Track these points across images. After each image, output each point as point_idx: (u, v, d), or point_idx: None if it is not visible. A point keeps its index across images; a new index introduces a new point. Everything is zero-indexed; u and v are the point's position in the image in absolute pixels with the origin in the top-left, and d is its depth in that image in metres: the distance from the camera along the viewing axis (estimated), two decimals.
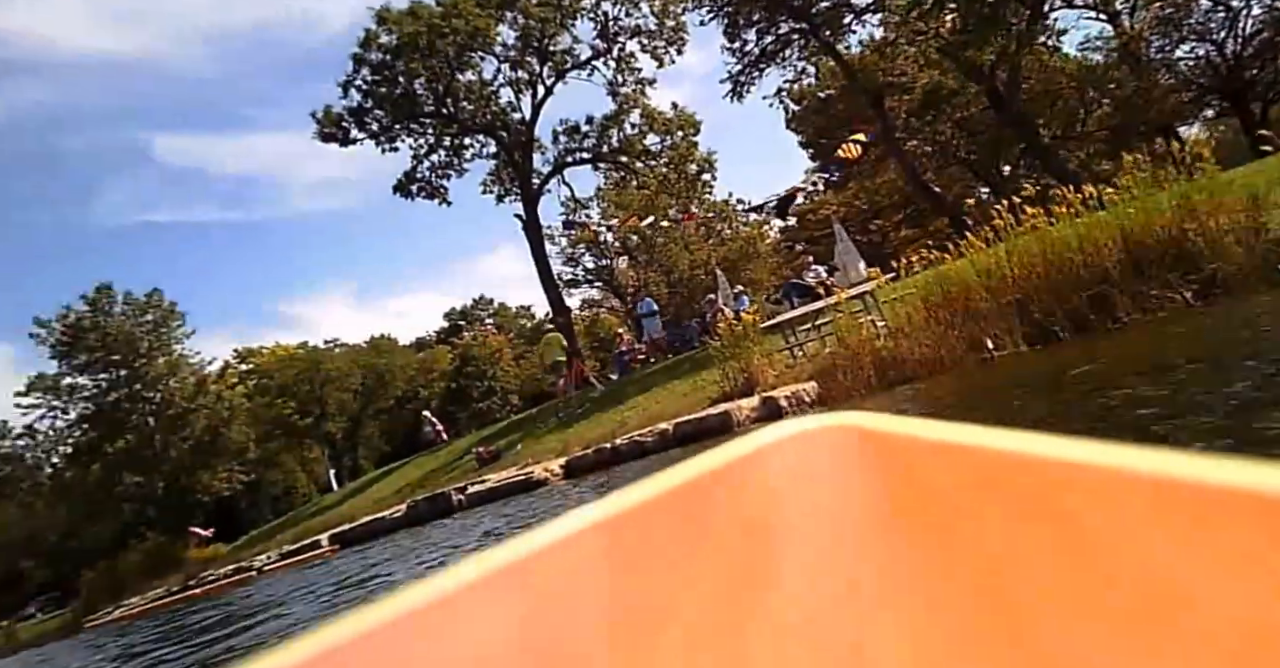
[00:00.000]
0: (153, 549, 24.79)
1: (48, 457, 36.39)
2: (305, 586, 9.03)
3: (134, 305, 36.14)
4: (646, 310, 19.68)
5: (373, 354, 44.98)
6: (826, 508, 0.39)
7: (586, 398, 16.88)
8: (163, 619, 11.73)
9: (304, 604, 7.35)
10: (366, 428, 45.56)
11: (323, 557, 12.58)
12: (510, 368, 47.96)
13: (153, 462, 35.10)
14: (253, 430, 38.46)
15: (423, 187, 23.32)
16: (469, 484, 11.84)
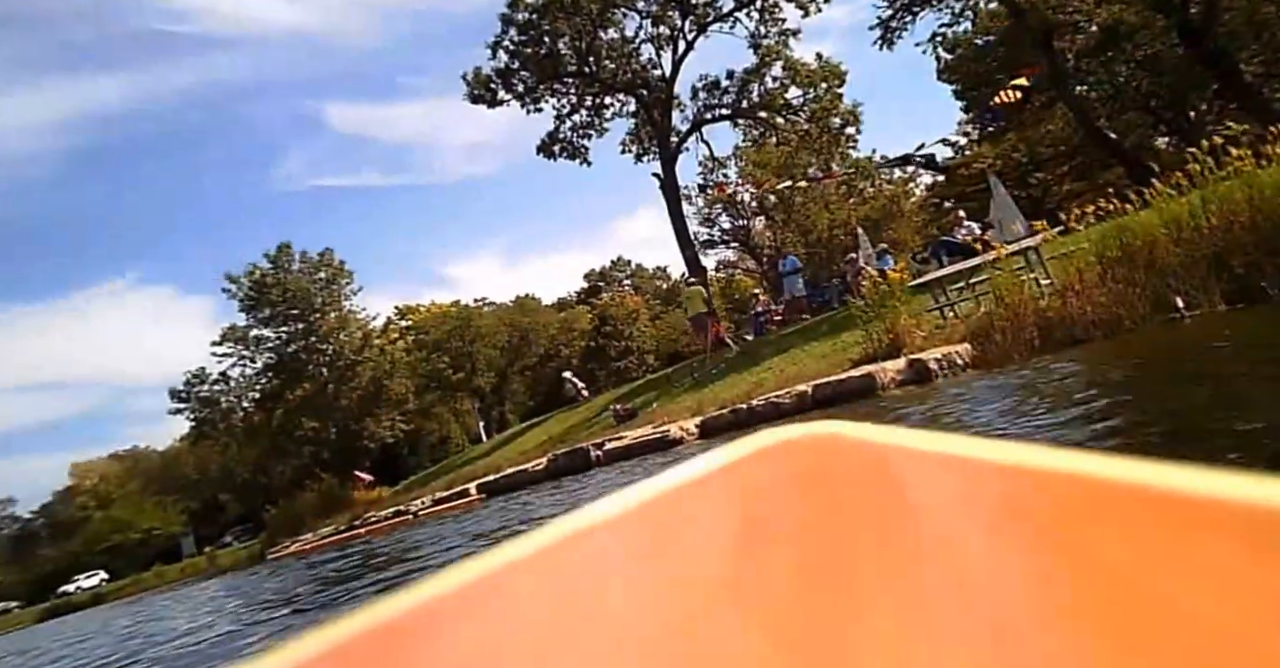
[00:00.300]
0: (325, 490, 26.74)
1: (239, 401, 39.90)
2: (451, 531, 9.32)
3: (309, 263, 38.77)
4: (790, 268, 18.95)
5: (518, 313, 46.38)
6: (808, 518, 0.38)
7: (722, 358, 16.56)
8: (332, 554, 12.53)
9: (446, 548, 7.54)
10: (512, 383, 47.21)
11: (471, 505, 13.06)
12: (646, 328, 48.21)
13: (326, 409, 37.85)
14: (411, 382, 40.64)
15: (565, 147, 23.41)
16: (606, 441, 11.88)
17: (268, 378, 38.38)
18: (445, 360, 41.34)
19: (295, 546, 19.05)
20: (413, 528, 12.53)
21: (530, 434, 22.20)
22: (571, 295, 59.47)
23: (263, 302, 37.38)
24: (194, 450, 45.91)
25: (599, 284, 60.02)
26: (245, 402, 39.66)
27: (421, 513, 14.08)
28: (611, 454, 11.32)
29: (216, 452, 42.50)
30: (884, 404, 7.34)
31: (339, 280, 39.39)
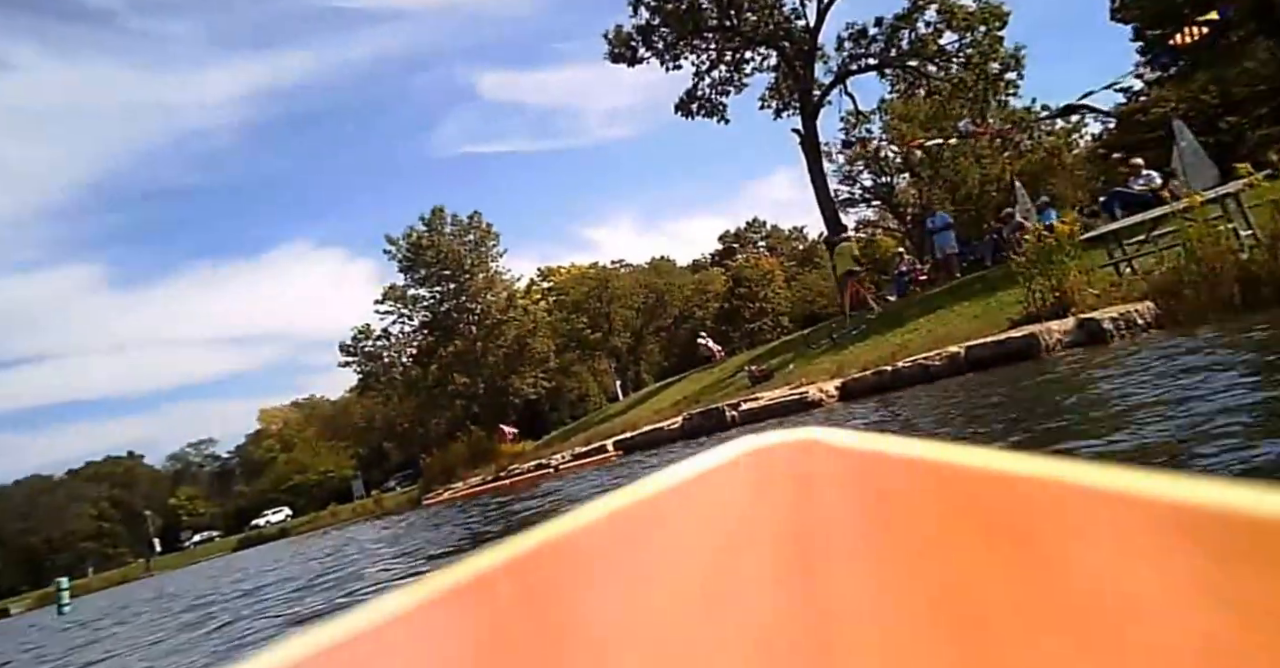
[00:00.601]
0: (474, 442, 27.89)
1: (399, 356, 42.23)
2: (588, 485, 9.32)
3: (459, 226, 40.15)
4: (940, 224, 17.65)
5: (653, 275, 46.40)
6: (789, 524, 0.38)
7: (862, 320, 15.75)
8: (480, 502, 12.95)
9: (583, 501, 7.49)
10: (647, 343, 47.49)
11: (607, 461, 13.13)
12: (781, 290, 47.09)
13: (475, 365, 39.42)
14: (552, 342, 41.64)
15: (703, 104, 22.79)
16: (742, 401, 11.55)
17: (423, 335, 40.31)
18: (583, 321, 42.04)
19: (448, 493, 19.96)
20: (552, 481, 12.75)
21: (665, 394, 22.16)
22: (706, 257, 58.91)
23: (418, 262, 39.11)
24: (361, 401, 49.29)
25: (733, 246, 59.08)
26: (404, 357, 41.90)
27: (561, 467, 14.33)
28: (747, 415, 10.98)
29: (380, 403, 45.34)
30: (1049, 368, 6.59)
31: (486, 242, 40.58)
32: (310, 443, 62.86)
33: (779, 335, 33.31)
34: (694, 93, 22.79)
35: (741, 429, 10.78)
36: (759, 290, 45.71)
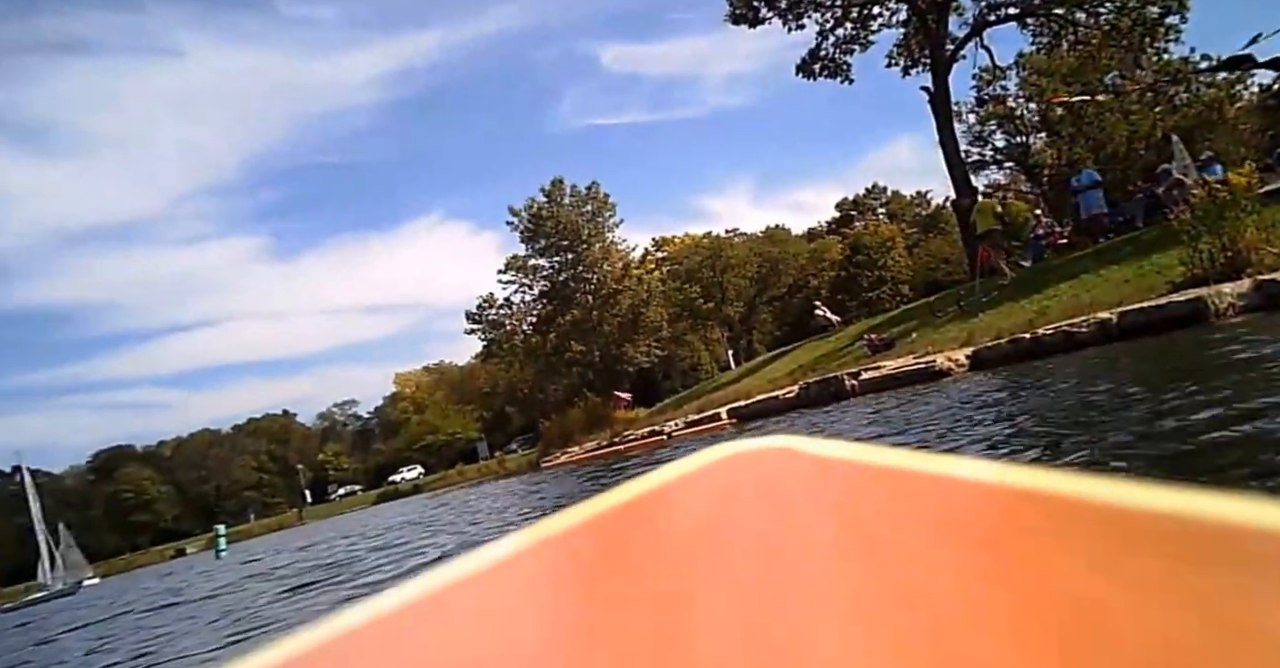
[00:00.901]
0: (589, 408, 28.19)
1: (520, 324, 43.18)
2: None
3: (578, 197, 40.42)
4: (1087, 182, 15.99)
5: (767, 243, 45.26)
6: (761, 530, 0.38)
7: (993, 286, 14.61)
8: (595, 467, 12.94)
9: None
10: (760, 313, 46.57)
11: (722, 428, 12.82)
12: (901, 258, 44.96)
13: (591, 334, 39.84)
14: (666, 311, 41.47)
15: (826, 64, 21.64)
16: (862, 370, 10.91)
17: (542, 304, 41.02)
18: (697, 290, 41.59)
19: (564, 457, 20.23)
20: (666, 448, 12.56)
21: (779, 363, 21.55)
22: (822, 226, 57.00)
23: (538, 233, 39.69)
24: (485, 367, 50.98)
25: (851, 213, 56.83)
26: (525, 325, 42.80)
27: (675, 434, 14.11)
28: (868, 384, 10.36)
29: (502, 369, 46.65)
30: (1219, 335, 5.72)
31: (603, 213, 40.68)
32: (440, 406, 65.69)
33: (898, 304, 31.83)
34: (817, 52, 21.66)
35: (861, 399, 10.19)
36: (878, 258, 43.85)
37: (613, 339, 40.20)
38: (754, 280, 43.55)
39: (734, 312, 43.30)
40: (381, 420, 77.99)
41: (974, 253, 16.15)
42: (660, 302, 41.36)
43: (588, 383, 39.06)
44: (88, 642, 6.78)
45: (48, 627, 11.09)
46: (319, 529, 25.50)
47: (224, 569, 13.65)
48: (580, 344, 39.95)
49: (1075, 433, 3.46)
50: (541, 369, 41.75)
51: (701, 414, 14.76)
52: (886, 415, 6.85)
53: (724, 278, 41.59)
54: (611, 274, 40.24)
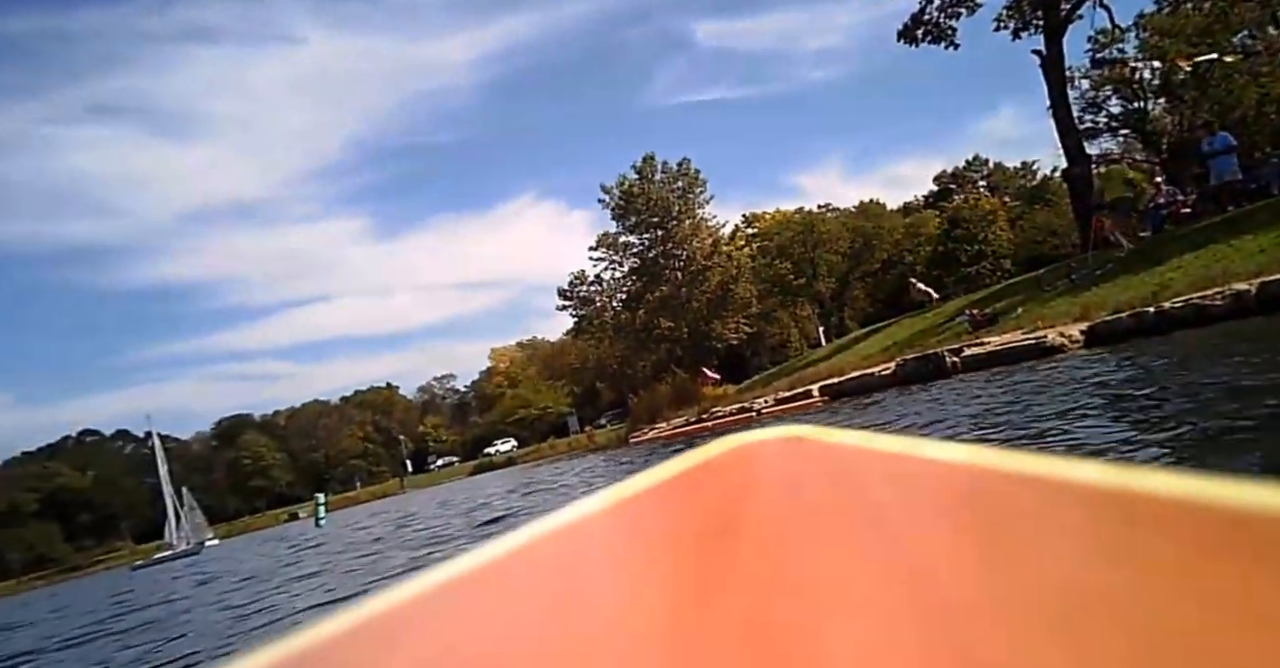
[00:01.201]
0: (677, 384, 28.12)
1: (610, 301, 43.43)
2: None
3: (669, 173, 40.15)
4: (1222, 146, 14.56)
5: (861, 218, 43.86)
6: (778, 518, 0.39)
7: (1107, 258, 13.62)
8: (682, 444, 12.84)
9: None
10: (853, 289, 45.28)
11: (813, 406, 12.48)
12: (1003, 232, 42.70)
13: (680, 310, 39.69)
14: (755, 287, 40.84)
15: (930, 29, 20.50)
16: (964, 347, 10.35)
17: (632, 281, 41.08)
18: (787, 266, 40.74)
19: (652, 432, 20.23)
20: (755, 425, 12.34)
21: (872, 339, 20.87)
22: (919, 199, 54.77)
23: (629, 210, 39.67)
24: (576, 343, 51.47)
25: (950, 187, 54.32)
26: (615, 302, 43.00)
27: (764, 411, 13.86)
28: (971, 362, 9.83)
29: (592, 345, 47.06)
30: None
31: (694, 189, 40.28)
32: (532, 381, 67.03)
33: (999, 279, 30.30)
34: (920, 17, 20.52)
35: (964, 377, 9.68)
36: (978, 232, 41.80)
37: (701, 316, 39.94)
38: (846, 256, 42.31)
39: (825, 288, 42.24)
40: (478, 394, 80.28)
41: (1087, 224, 15.12)
42: (749, 278, 40.75)
43: (676, 359, 38.99)
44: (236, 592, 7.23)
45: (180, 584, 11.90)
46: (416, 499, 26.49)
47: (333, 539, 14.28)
48: (669, 321, 39.87)
49: (1234, 421, 3.06)
50: (630, 345, 41.92)
51: (792, 391, 14.43)
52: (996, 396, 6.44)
53: (815, 253, 40.55)
54: (701, 251, 39.89)
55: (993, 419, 4.90)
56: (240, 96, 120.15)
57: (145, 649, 4.90)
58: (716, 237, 40.92)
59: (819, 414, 10.82)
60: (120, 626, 7.03)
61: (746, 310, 41.11)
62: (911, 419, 6.20)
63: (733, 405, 16.72)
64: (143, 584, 15.69)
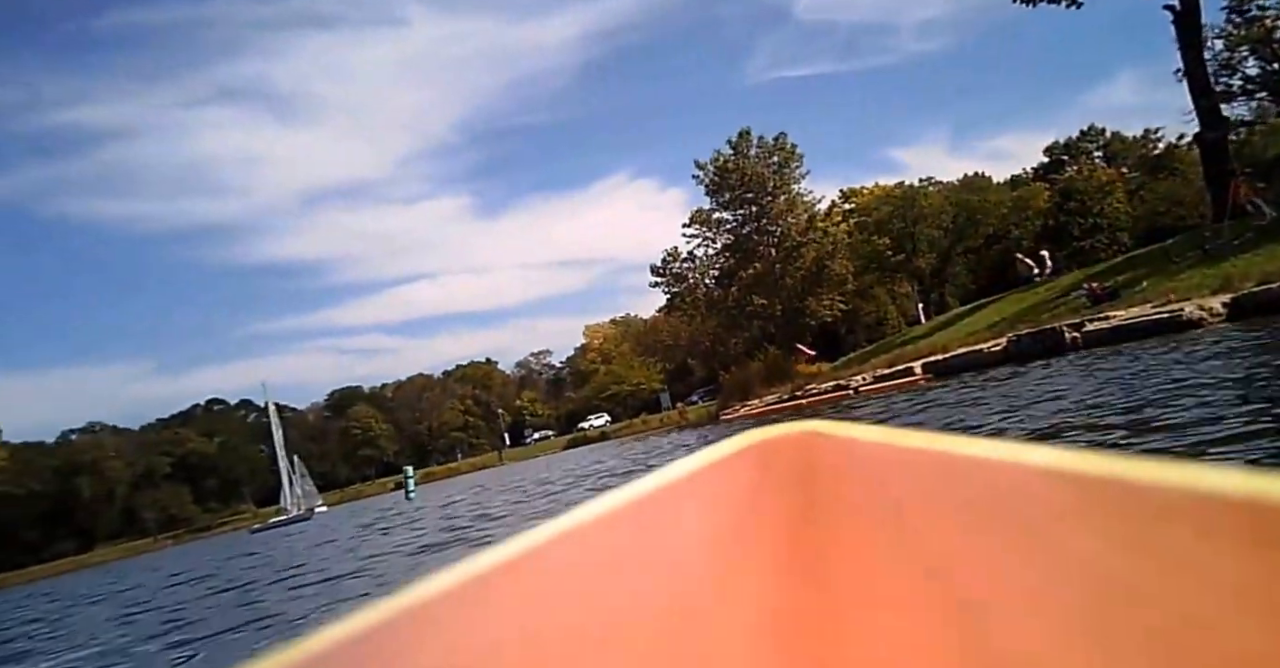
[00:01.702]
0: (770, 361, 27.62)
1: (702, 278, 43.07)
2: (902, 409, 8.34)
3: (764, 148, 39.27)
4: None
5: (964, 192, 41.78)
6: (794, 514, 0.38)
7: (1245, 227, 12.41)
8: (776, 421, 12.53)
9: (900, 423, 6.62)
10: (954, 265, 43.38)
11: (915, 384, 11.92)
12: (1120, 204, 39.83)
13: (773, 287, 38.97)
14: (851, 264, 39.63)
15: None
16: (1085, 321, 9.62)
17: (725, 257, 40.57)
18: (885, 241, 39.32)
19: (743, 409, 19.97)
20: (853, 403, 11.88)
21: (977, 316, 19.87)
22: (1026, 172, 51.75)
23: (723, 186, 39.08)
24: (668, 319, 51.42)
25: (1061, 158, 51.05)
26: (708, 278, 42.61)
27: (862, 389, 13.36)
28: (1093, 337, 9.12)
29: (684, 322, 46.91)
30: None
31: (790, 164, 39.29)
32: (625, 357, 67.53)
33: (1115, 254, 28.33)
34: None
35: (1082, 353, 9.01)
36: (1093, 204, 39.16)
37: (795, 292, 39.09)
38: (948, 231, 40.49)
39: (925, 264, 40.60)
40: (572, 370, 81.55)
41: (1223, 191, 13.86)
42: (846, 254, 39.56)
43: (768, 337, 38.38)
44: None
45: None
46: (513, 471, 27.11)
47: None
48: (762, 297, 39.22)
49: None
50: (723, 322, 41.52)
51: (892, 369, 13.87)
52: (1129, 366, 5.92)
53: (916, 228, 38.99)
54: (796, 226, 38.95)
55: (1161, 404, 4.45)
56: (350, 80, 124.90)
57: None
58: (812, 212, 39.81)
59: (921, 393, 10.32)
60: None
61: (842, 287, 39.96)
62: (1006, 396, 5.77)
63: (827, 383, 16.25)
64: (260, 546, 16.78)
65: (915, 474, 0.43)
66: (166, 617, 6.18)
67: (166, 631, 5.23)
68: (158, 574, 14.33)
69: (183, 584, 9.72)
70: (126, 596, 10.22)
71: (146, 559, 30.84)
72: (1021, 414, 5.38)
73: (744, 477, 0.52)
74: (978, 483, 0.39)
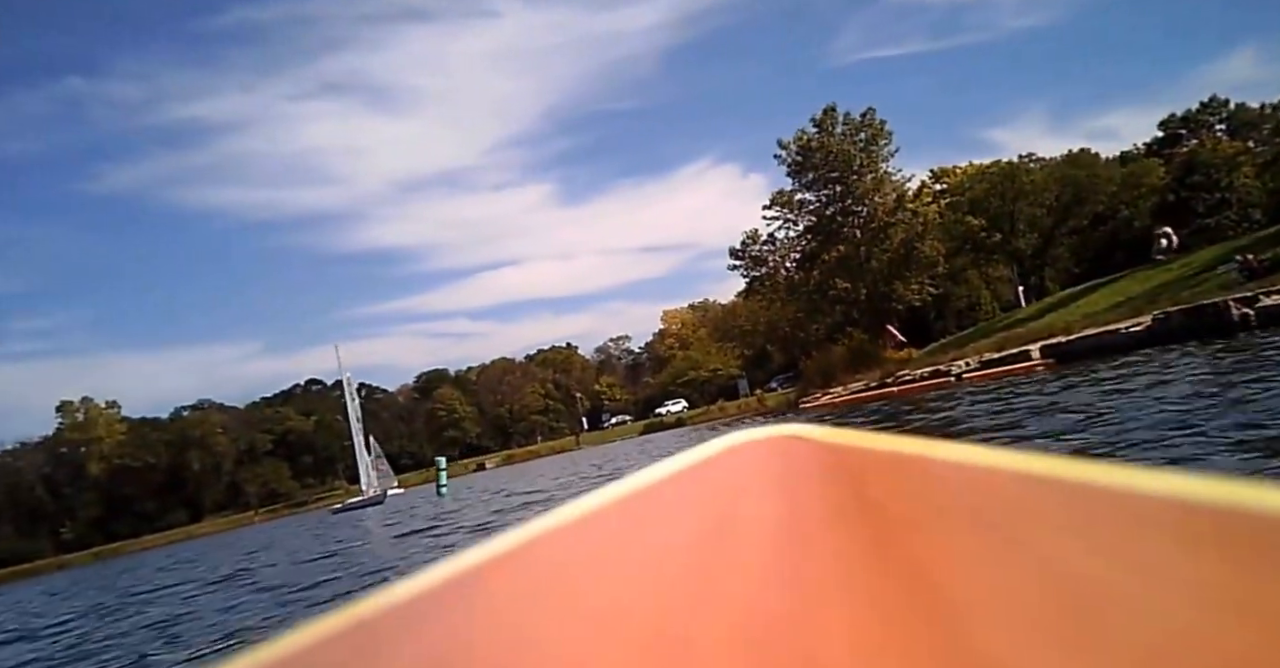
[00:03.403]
0: (855, 346, 25.81)
1: (783, 261, 41.15)
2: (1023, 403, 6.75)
3: (851, 125, 36.95)
4: None
5: (1070, 168, 38.35)
6: (774, 517, 0.39)
7: None
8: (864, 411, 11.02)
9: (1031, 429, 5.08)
10: (1057, 247, 40.03)
11: (1032, 370, 10.14)
12: (1249, 179, 35.79)
13: (858, 270, 36.75)
14: (943, 246, 37.02)
15: None
16: (1260, 295, 7.74)
17: (807, 239, 38.57)
18: (981, 221, 36.49)
19: (826, 397, 18.32)
20: (956, 392, 10.23)
21: (1095, 296, 17.62)
22: (1137, 148, 47.44)
23: (807, 165, 37.04)
24: (746, 304, 49.69)
25: (1179, 132, 46.51)
26: (788, 261, 40.69)
27: (965, 375, 11.61)
28: (1268, 313, 7.27)
29: (763, 306, 45.14)
30: None
31: (878, 141, 36.82)
32: (703, 343, 66.13)
33: (1243, 232, 25.17)
34: None
35: (1255, 333, 7.18)
36: (1220, 178, 35.29)
37: (881, 276, 36.74)
38: (1052, 209, 37.26)
39: (1025, 245, 37.51)
40: (650, 355, 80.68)
41: None
42: (937, 235, 36.89)
43: (851, 322, 36.34)
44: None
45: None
46: (587, 456, 26.25)
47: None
48: (845, 281, 37.05)
49: None
50: (803, 307, 39.54)
51: (1002, 353, 12.01)
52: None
53: (1016, 207, 36.00)
54: (883, 206, 36.51)
55: None
56: (444, 71, 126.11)
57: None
58: (901, 191, 37.23)
59: (1040, 382, 8.60)
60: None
61: (932, 270, 37.32)
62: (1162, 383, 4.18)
63: (923, 369, 14.47)
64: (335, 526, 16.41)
65: (894, 478, 0.43)
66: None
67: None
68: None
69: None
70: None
71: (245, 532, 31.78)
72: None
73: (725, 480, 0.51)
74: (957, 487, 0.38)
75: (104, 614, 7.97)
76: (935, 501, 0.37)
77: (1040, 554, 0.26)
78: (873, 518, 0.35)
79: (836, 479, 0.46)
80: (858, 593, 0.25)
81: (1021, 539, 0.28)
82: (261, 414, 72.41)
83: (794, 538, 0.34)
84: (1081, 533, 0.28)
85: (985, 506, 0.34)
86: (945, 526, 0.32)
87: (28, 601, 14.90)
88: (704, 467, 0.53)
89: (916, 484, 0.41)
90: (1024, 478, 0.35)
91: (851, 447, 0.51)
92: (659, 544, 0.38)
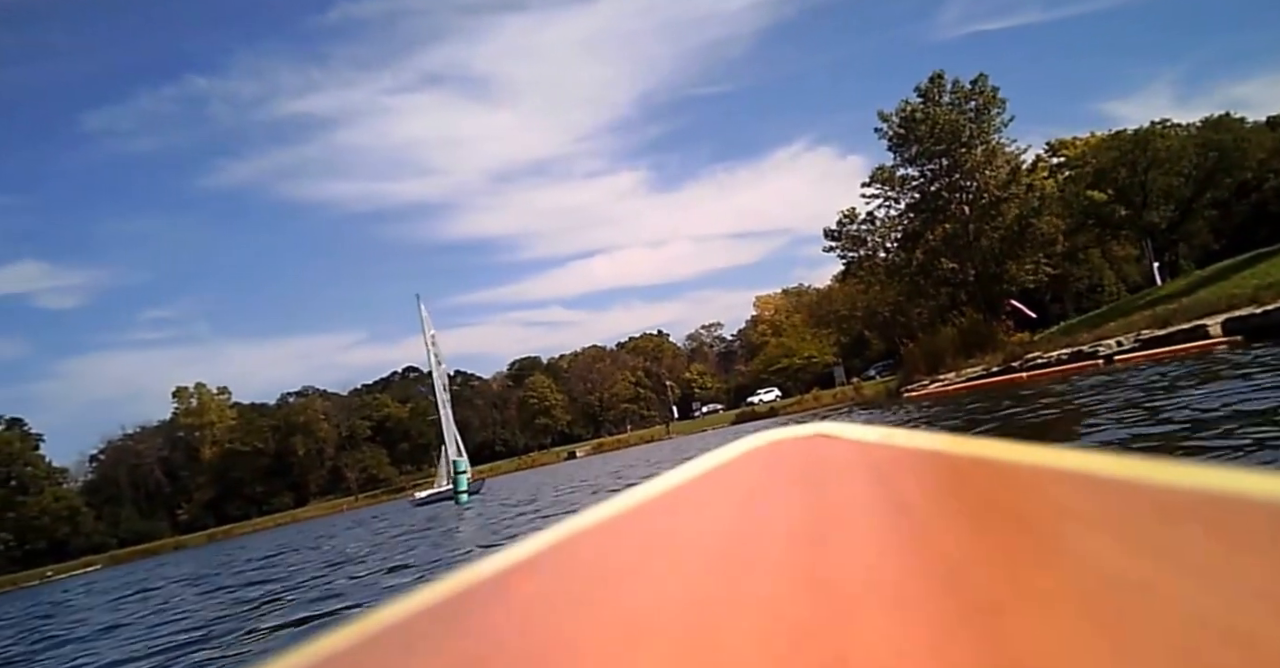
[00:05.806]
0: (967, 327, 23.76)
1: (883, 241, 38.88)
2: (1240, 394, 5.27)
3: (960, 92, 34.29)
4: None
5: (1213, 132, 34.51)
6: (804, 517, 0.39)
7: None
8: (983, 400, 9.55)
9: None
10: (1195, 220, 36.21)
11: (1207, 349, 8.44)
12: None
13: (966, 249, 34.20)
14: (1062, 222, 33.99)
15: None
16: None
17: (909, 218, 36.21)
18: (1107, 194, 33.30)
19: (934, 385, 16.66)
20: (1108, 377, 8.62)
21: (1263, 266, 15.28)
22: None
23: (910, 138, 34.59)
24: (843, 288, 47.55)
25: None
26: (889, 242, 38.43)
27: (1118, 357, 9.94)
28: None
29: (861, 290, 43.00)
30: None
31: (989, 110, 33.95)
32: (797, 329, 64.09)
33: None
34: None
35: None
36: None
37: (992, 255, 34.03)
38: (1190, 178, 33.63)
39: (1160, 218, 34.04)
40: (743, 343, 79.05)
41: None
42: (1055, 211, 33.87)
43: (958, 305, 33.93)
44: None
45: None
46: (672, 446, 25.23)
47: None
48: (952, 261, 34.52)
49: None
50: (905, 290, 37.17)
51: (1166, 330, 10.23)
52: None
53: (1148, 177, 32.62)
54: (994, 180, 33.72)
55: None
56: (538, 60, 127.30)
57: None
58: (1016, 163, 34.33)
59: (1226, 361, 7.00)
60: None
61: (1049, 249, 34.35)
62: None
63: (1060, 351, 12.70)
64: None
65: (927, 476, 0.44)
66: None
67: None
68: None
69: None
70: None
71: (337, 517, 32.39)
72: None
73: (752, 479, 0.52)
74: (990, 484, 0.38)
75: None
76: (966, 498, 0.37)
77: (1076, 552, 0.26)
78: (904, 517, 0.35)
79: (864, 474, 0.46)
80: (889, 594, 0.25)
81: (1056, 536, 0.28)
82: (361, 401, 74.92)
83: (824, 538, 0.34)
84: (1119, 531, 0.28)
85: (1017, 502, 0.34)
86: (977, 523, 0.32)
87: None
88: (733, 466, 0.54)
89: (946, 481, 0.41)
90: (1058, 475, 0.35)
91: (877, 444, 0.51)
92: (689, 545, 0.38)
